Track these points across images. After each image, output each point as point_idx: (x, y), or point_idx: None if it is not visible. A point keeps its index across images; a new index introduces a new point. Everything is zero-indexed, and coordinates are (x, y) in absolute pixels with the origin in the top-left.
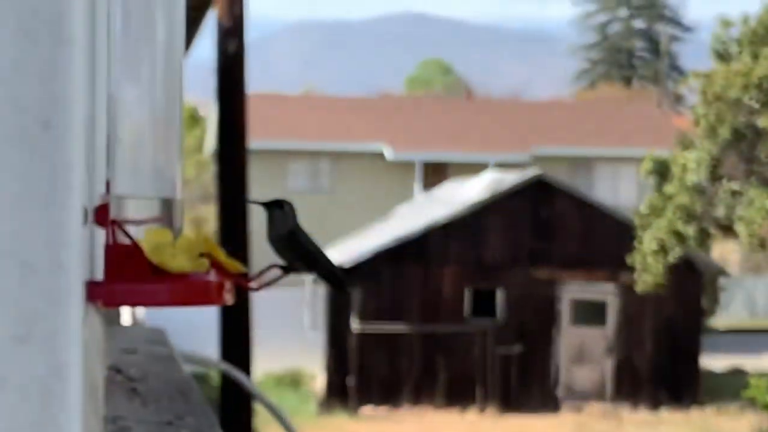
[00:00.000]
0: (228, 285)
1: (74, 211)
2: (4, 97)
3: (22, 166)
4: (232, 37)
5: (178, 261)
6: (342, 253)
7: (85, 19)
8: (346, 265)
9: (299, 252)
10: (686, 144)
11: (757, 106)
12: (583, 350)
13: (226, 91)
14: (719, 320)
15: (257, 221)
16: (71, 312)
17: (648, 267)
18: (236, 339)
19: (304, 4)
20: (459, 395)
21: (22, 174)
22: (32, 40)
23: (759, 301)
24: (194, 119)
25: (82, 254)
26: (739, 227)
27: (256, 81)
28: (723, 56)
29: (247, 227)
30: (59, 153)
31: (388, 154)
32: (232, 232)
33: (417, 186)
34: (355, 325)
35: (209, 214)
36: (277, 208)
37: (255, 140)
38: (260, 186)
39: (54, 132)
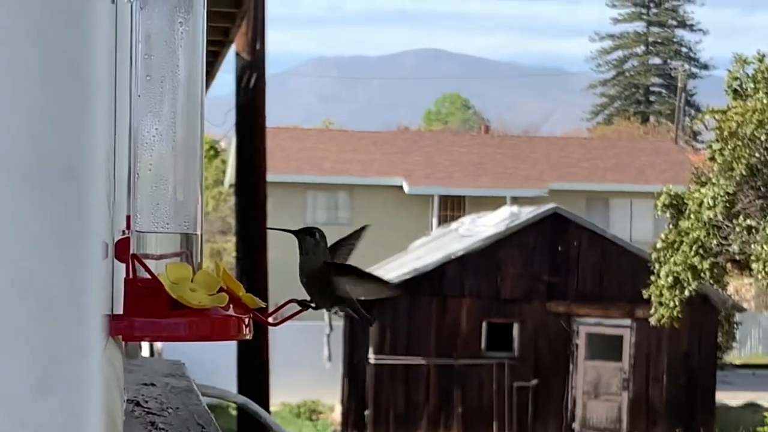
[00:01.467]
0: (247, 320)
1: (95, 256)
2: (27, 142)
3: (45, 211)
4: (252, 71)
5: (197, 296)
6: None
7: (108, 59)
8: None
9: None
10: (702, 180)
11: None
12: (599, 384)
13: (245, 124)
14: (735, 356)
15: (275, 253)
16: (91, 357)
17: (664, 301)
18: (254, 371)
19: (324, 38)
20: (475, 428)
21: (44, 219)
22: (56, 87)
23: None
24: (214, 152)
25: (102, 299)
26: (755, 264)
27: (275, 114)
28: (739, 93)
29: (266, 259)
30: (81, 198)
31: (406, 187)
32: (251, 264)
33: (434, 219)
34: (372, 357)
35: (228, 246)
36: (309, 236)
37: (274, 173)
38: (279, 218)
39: (76, 177)
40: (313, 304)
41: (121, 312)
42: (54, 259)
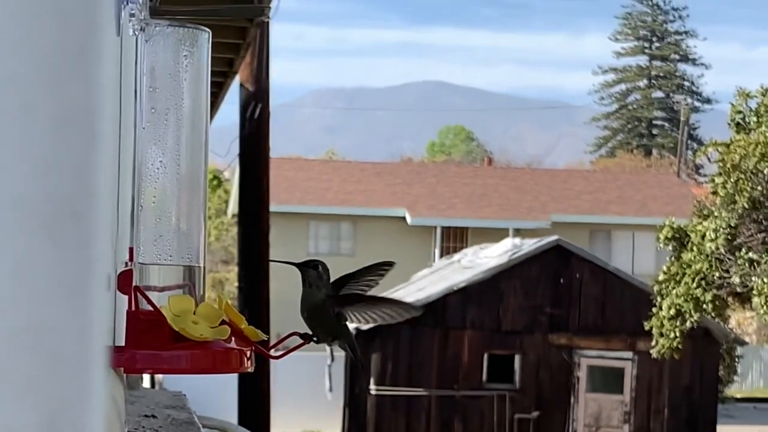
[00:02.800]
0: (248, 353)
1: (101, 301)
2: (37, 191)
3: (52, 257)
4: (256, 102)
5: (199, 329)
6: None
7: (114, 95)
8: (366, 328)
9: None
10: (704, 213)
11: None
12: (600, 417)
13: (249, 154)
14: (736, 389)
15: (278, 284)
16: (95, 397)
17: (664, 332)
18: (255, 402)
19: (328, 70)
20: None
21: (51, 265)
22: (65, 132)
23: None
24: (218, 182)
25: (105, 336)
26: (756, 298)
27: (278, 145)
28: (741, 127)
29: (269, 289)
30: (87, 243)
31: (409, 218)
32: (254, 294)
33: (436, 250)
34: (373, 388)
35: (231, 276)
36: (312, 269)
37: (277, 203)
38: (282, 249)
39: (83, 224)
40: (314, 338)
41: (123, 344)
42: (61, 305)
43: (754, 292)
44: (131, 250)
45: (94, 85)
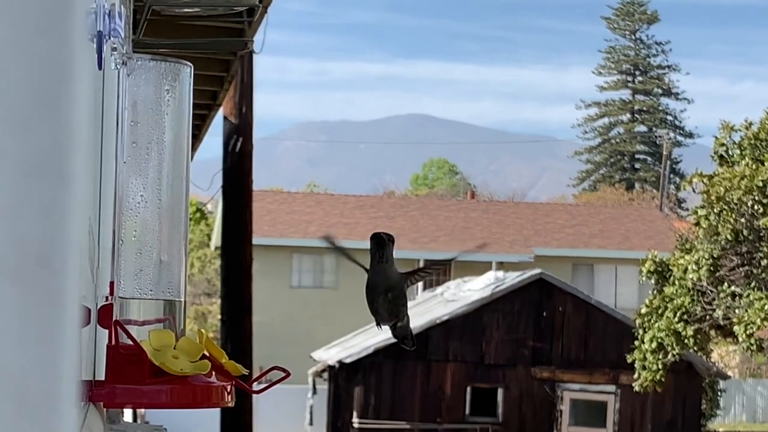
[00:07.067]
0: (229, 387)
1: (70, 346)
2: (4, 234)
3: (20, 301)
4: (239, 135)
5: (179, 363)
6: (345, 348)
7: (94, 132)
8: (349, 361)
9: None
10: (687, 247)
11: (759, 208)
12: None
13: (232, 187)
14: (719, 423)
15: (260, 316)
16: None
17: (647, 365)
18: None
19: (311, 103)
20: None
21: (19, 309)
22: (34, 178)
23: (759, 405)
24: (201, 214)
25: (82, 380)
26: (737, 327)
27: (261, 177)
28: (725, 159)
29: (251, 322)
30: (57, 288)
31: None
32: (237, 326)
33: (420, 283)
34: (356, 421)
35: (213, 309)
36: (390, 242)
37: (260, 236)
38: (264, 281)
39: (52, 268)
40: (392, 323)
41: (103, 378)
42: (28, 349)
43: (735, 320)
44: (112, 284)
45: (64, 129)
